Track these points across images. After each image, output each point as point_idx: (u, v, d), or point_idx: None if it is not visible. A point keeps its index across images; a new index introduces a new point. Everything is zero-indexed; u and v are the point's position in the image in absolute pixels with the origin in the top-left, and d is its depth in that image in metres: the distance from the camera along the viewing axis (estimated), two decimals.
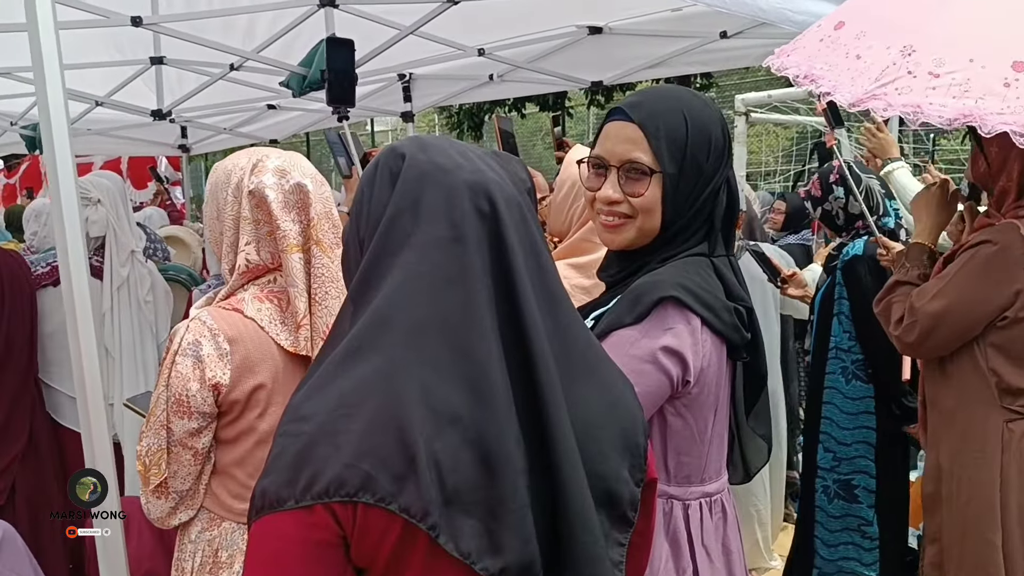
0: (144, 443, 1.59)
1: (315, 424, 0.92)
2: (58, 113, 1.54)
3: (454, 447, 0.91)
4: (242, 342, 1.60)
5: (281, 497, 0.89)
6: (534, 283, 1.00)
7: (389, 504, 0.88)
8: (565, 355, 1.01)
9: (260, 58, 3.80)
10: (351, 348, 0.96)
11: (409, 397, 0.91)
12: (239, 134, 6.09)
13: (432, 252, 0.97)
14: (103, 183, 3.19)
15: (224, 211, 1.68)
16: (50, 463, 3.03)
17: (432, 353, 0.94)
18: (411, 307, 0.95)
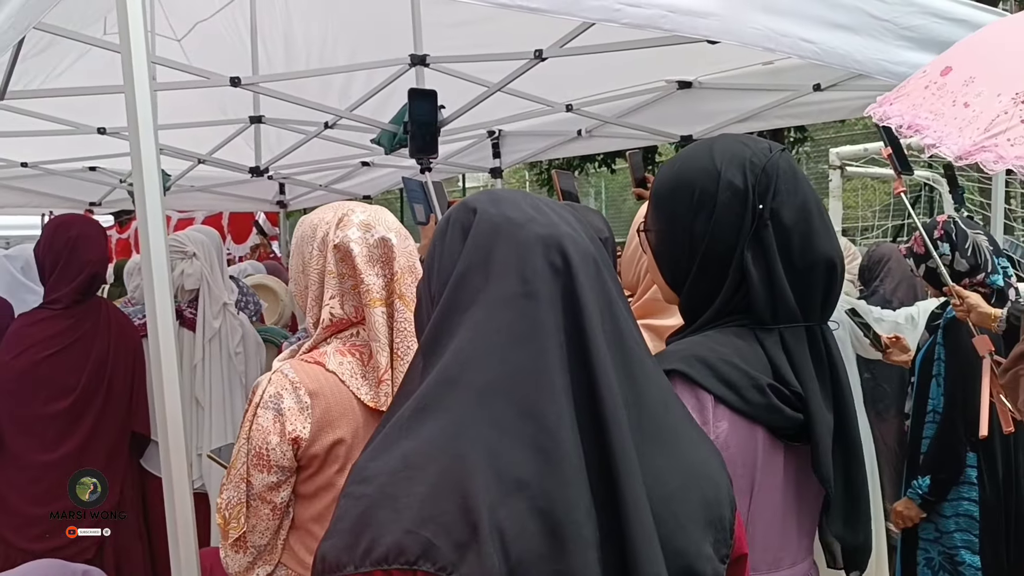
0: (224, 496, 1.60)
1: (376, 487, 0.89)
2: (150, 171, 1.58)
3: (520, 515, 0.87)
4: (323, 396, 1.59)
5: (341, 562, 0.88)
6: (609, 342, 0.95)
7: (450, 574, 0.85)
8: (642, 421, 0.96)
9: (354, 116, 3.90)
10: (418, 407, 0.94)
11: (474, 461, 0.88)
12: (334, 190, 6.25)
13: (502, 309, 0.95)
14: (199, 237, 3.30)
15: (309, 265, 1.70)
16: (134, 513, 3.08)
17: (500, 415, 0.90)
18: (480, 366, 0.92)
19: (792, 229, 1.36)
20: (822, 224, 1.39)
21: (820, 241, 1.38)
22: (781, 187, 1.36)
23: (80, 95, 3.55)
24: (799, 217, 1.36)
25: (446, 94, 3.49)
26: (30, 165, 5.05)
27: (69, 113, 4.08)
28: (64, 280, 2.91)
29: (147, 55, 1.59)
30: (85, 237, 3.00)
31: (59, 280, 2.92)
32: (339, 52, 4.14)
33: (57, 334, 2.90)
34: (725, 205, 1.36)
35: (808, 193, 1.40)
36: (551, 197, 1.41)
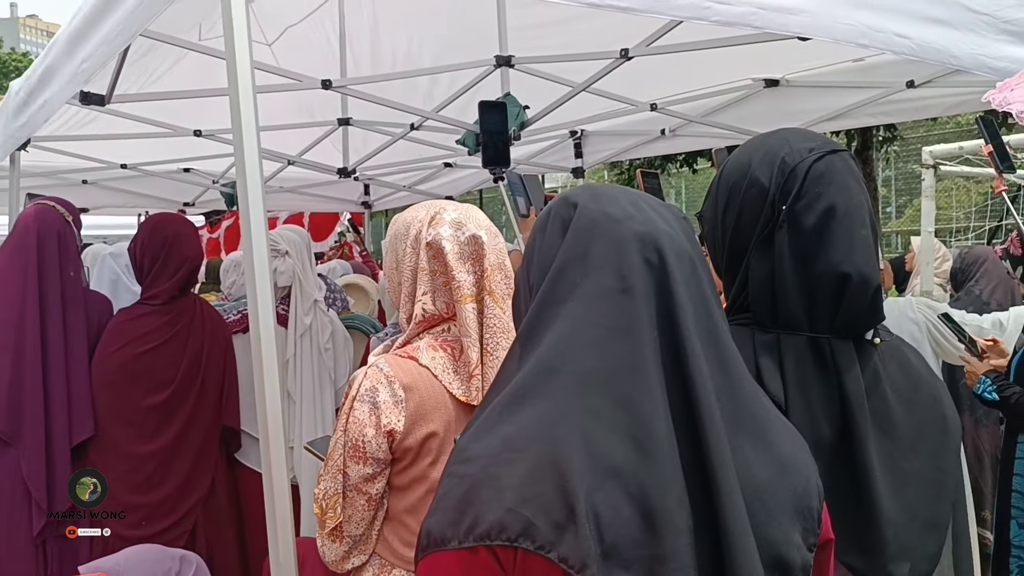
0: (322, 486, 1.65)
1: (479, 467, 0.93)
2: (253, 172, 1.64)
3: (614, 500, 0.90)
4: (416, 390, 1.63)
5: (445, 537, 0.92)
6: (703, 338, 0.97)
7: (548, 552, 0.88)
8: (734, 413, 0.98)
9: (439, 117, 3.95)
10: (517, 394, 0.97)
11: (571, 447, 0.91)
12: (417, 191, 6.34)
13: (599, 303, 0.97)
14: (291, 236, 3.38)
15: (402, 262, 1.73)
16: (227, 504, 3.17)
17: (596, 404, 0.93)
18: (576, 357, 0.96)
19: (809, 235, 1.32)
20: (847, 234, 1.32)
21: (836, 251, 1.31)
22: (808, 190, 1.32)
23: (180, 99, 3.69)
24: (819, 224, 1.31)
25: (530, 95, 3.51)
26: (129, 167, 5.27)
27: (166, 116, 4.24)
28: (162, 277, 3.02)
29: (250, 61, 1.65)
30: (180, 235, 3.11)
31: (157, 277, 3.02)
32: (424, 55, 4.20)
33: (155, 329, 3.00)
34: (748, 202, 1.35)
35: (841, 200, 1.32)
36: None
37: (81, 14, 2.44)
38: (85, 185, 5.58)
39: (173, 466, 2.97)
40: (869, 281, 1.32)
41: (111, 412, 2.93)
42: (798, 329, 1.32)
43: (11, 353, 2.78)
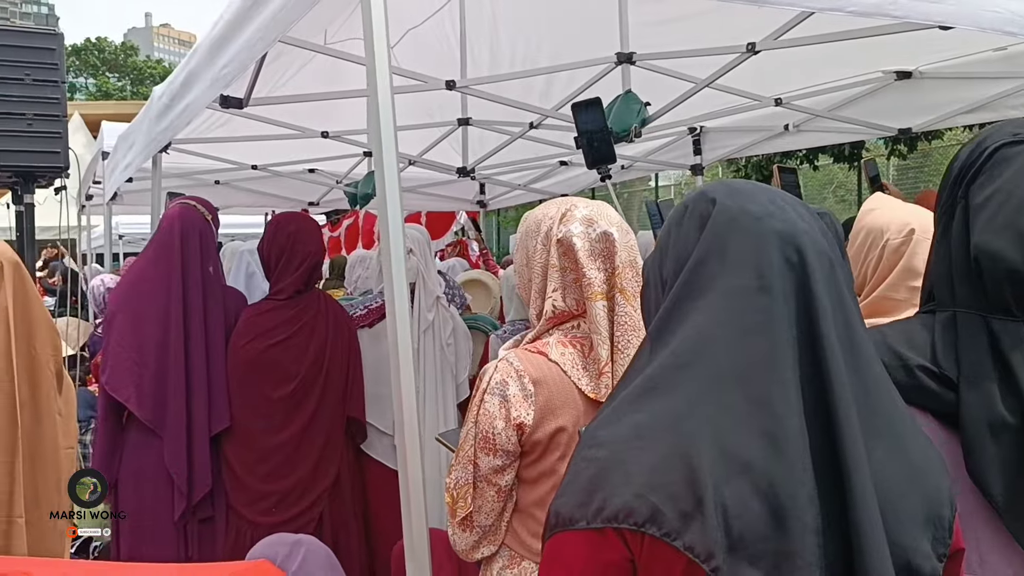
0: (453, 476, 1.68)
1: (608, 452, 0.96)
2: (391, 172, 1.68)
3: (743, 494, 0.90)
4: (546, 384, 1.64)
5: (573, 517, 0.95)
6: (840, 339, 0.97)
7: (674, 540, 0.90)
8: (869, 416, 0.97)
9: (559, 115, 3.95)
10: (647, 386, 0.99)
11: (701, 439, 0.92)
12: (532, 189, 6.38)
13: (736, 300, 0.98)
14: (414, 234, 3.46)
15: (533, 258, 1.75)
16: (352, 494, 3.25)
17: (728, 400, 0.94)
18: (710, 352, 0.96)
19: (974, 214, 1.32)
20: (1005, 217, 1.29)
21: (990, 233, 1.30)
22: (985, 170, 1.33)
23: (314, 101, 3.82)
24: (983, 204, 1.31)
25: (649, 91, 3.47)
26: (259, 168, 5.50)
27: (293, 118, 4.40)
28: (287, 272, 3.13)
29: (388, 66, 1.70)
30: (304, 232, 3.21)
31: (282, 272, 3.14)
32: (542, 53, 4.22)
33: (281, 324, 3.11)
34: (949, 181, 1.38)
35: (1012, 185, 1.30)
36: None
37: (223, 21, 2.56)
38: (217, 185, 5.84)
39: (300, 455, 3.07)
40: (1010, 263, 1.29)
41: (243, 403, 3.06)
42: (968, 307, 1.32)
43: (157, 346, 2.93)
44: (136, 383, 2.89)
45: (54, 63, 3.48)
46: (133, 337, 2.92)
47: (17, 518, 2.21)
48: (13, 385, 2.23)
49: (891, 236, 1.90)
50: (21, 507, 2.21)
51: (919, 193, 4.41)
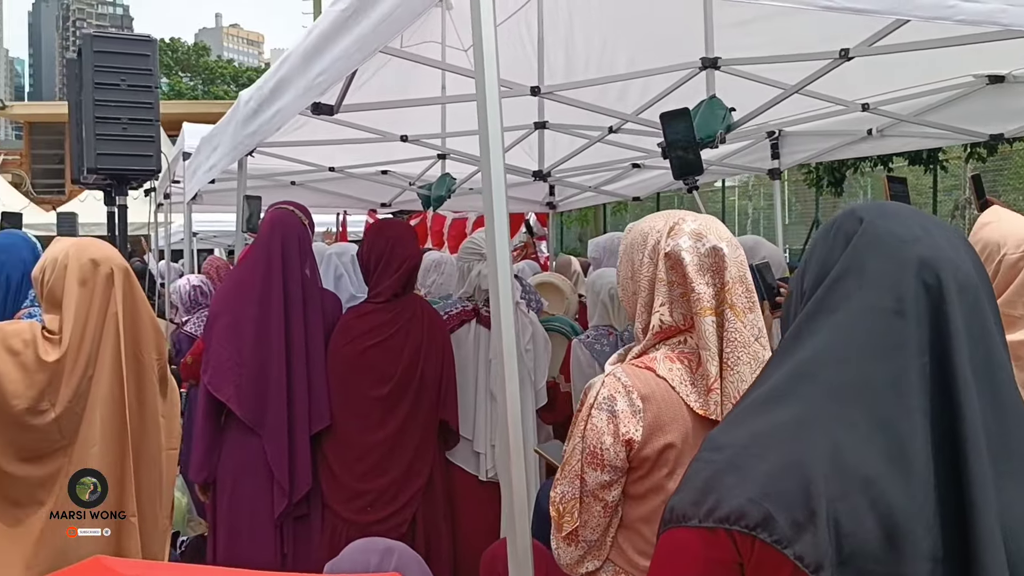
0: (559, 490, 1.68)
1: (726, 456, 0.98)
2: (498, 176, 1.69)
3: (858, 512, 0.90)
4: (654, 400, 1.64)
5: (687, 514, 0.98)
6: (977, 371, 0.95)
7: (784, 547, 0.90)
8: (1002, 452, 0.95)
9: (639, 120, 3.93)
10: (770, 395, 1.00)
11: (819, 452, 0.93)
12: (603, 192, 6.35)
13: (869, 320, 0.98)
14: None
15: (639, 272, 1.74)
16: (442, 498, 3.29)
17: (852, 417, 0.94)
18: (837, 368, 0.97)
19: None
20: None
21: None
22: None
23: (401, 107, 3.90)
24: None
25: (734, 97, 3.43)
26: (336, 169, 5.59)
27: (369, 121, 4.45)
28: (385, 276, 3.19)
29: (497, 77, 1.71)
30: (401, 237, 3.29)
31: (381, 277, 3.21)
32: (618, 57, 4.20)
33: (379, 326, 3.18)
34: None
35: None
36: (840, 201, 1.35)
37: (317, 31, 2.61)
38: (293, 186, 5.94)
39: (395, 456, 3.13)
40: None
41: (341, 403, 3.13)
42: None
43: (257, 347, 3.03)
44: (236, 383, 2.98)
45: (148, 69, 3.58)
46: (234, 338, 3.01)
47: (131, 517, 2.29)
48: (123, 390, 2.31)
49: (1008, 251, 1.85)
50: (133, 507, 2.29)
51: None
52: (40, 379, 2.26)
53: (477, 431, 3.32)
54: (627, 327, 3.63)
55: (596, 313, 3.57)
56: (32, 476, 2.25)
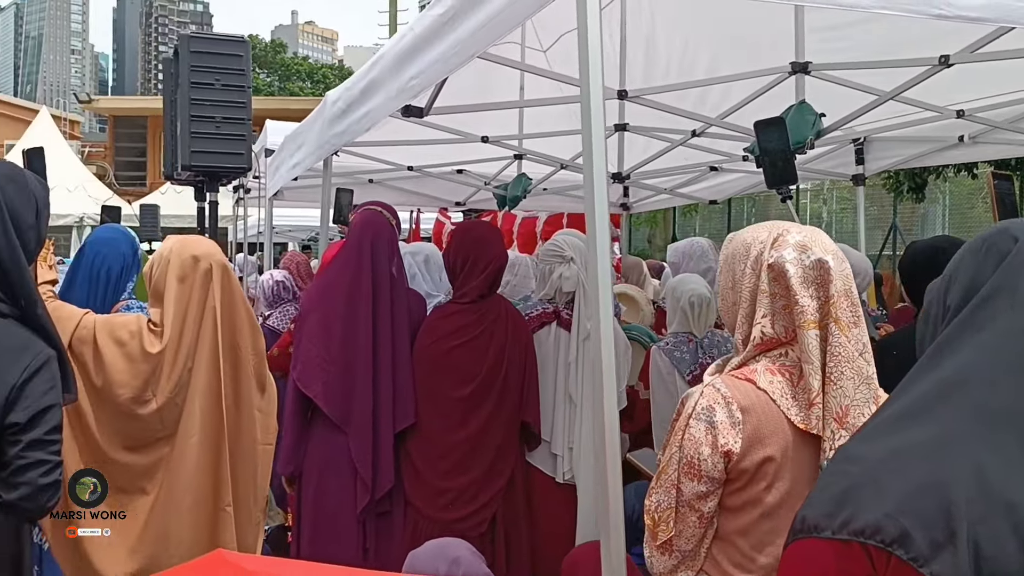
0: (654, 499, 1.69)
1: (862, 469, 0.97)
2: (600, 184, 1.71)
3: (1001, 536, 0.88)
4: (754, 412, 1.63)
5: (819, 525, 0.96)
6: None
7: (921, 566, 0.89)
8: None
9: (724, 124, 3.89)
10: (909, 411, 0.99)
11: (961, 473, 0.91)
12: (678, 194, 6.31)
13: (1017, 341, 0.96)
14: (575, 242, 3.47)
15: (740, 283, 1.73)
16: (522, 499, 3.30)
17: (1000, 440, 0.92)
18: (982, 387, 0.95)
19: None
20: None
21: None
22: None
23: (492, 110, 4.00)
24: None
25: (824, 102, 3.37)
26: (414, 169, 5.65)
27: (448, 122, 4.49)
28: (471, 277, 3.23)
29: (602, 84, 1.72)
30: (486, 238, 3.32)
31: (467, 278, 3.24)
32: (699, 59, 4.16)
33: (464, 327, 3.21)
34: None
35: None
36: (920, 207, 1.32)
37: (412, 34, 2.65)
38: (371, 184, 6.03)
39: (477, 455, 3.16)
40: None
41: (425, 401, 3.18)
42: None
43: (345, 345, 3.08)
44: (324, 380, 3.04)
45: (242, 69, 3.68)
46: (323, 336, 3.08)
47: (226, 507, 2.36)
48: (220, 384, 2.39)
49: None
50: (229, 497, 2.36)
51: None
52: (144, 369, 2.35)
53: (555, 433, 3.33)
54: (707, 334, 3.61)
55: (676, 320, 3.55)
56: (136, 465, 2.35)
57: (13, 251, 1.90)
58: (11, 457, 1.84)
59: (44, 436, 1.87)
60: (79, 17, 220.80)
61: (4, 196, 1.92)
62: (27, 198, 1.98)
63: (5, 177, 1.95)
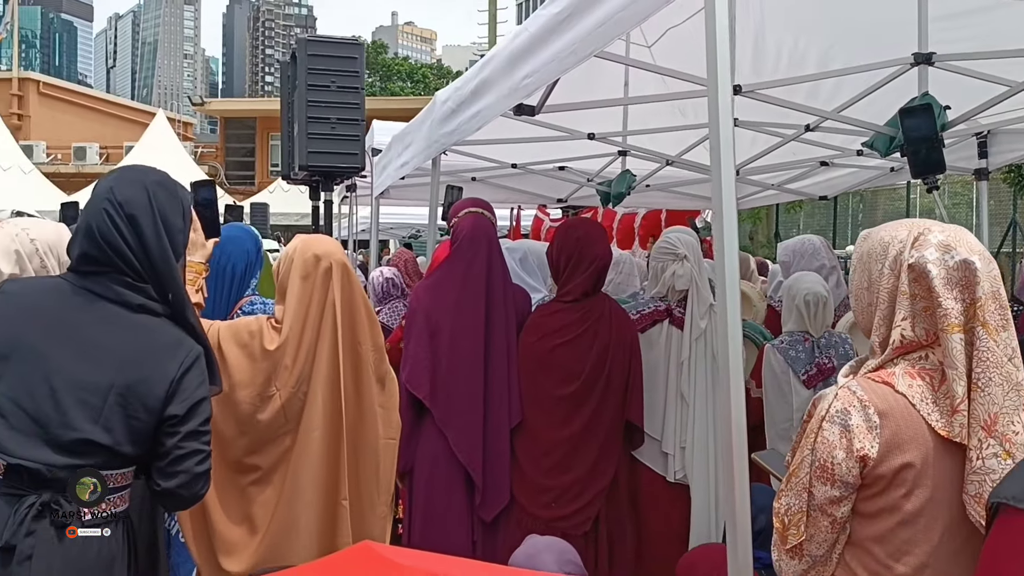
0: (783, 502, 1.65)
1: None
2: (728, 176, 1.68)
3: None
4: (892, 417, 1.57)
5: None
6: None
7: None
8: None
9: (841, 118, 3.77)
10: None
11: None
12: (787, 190, 6.15)
13: None
14: (688, 240, 3.43)
15: (877, 283, 1.67)
16: (626, 498, 3.30)
17: None
18: None
19: None
20: None
21: None
22: None
23: (602, 107, 3.96)
24: None
25: (948, 94, 3.23)
26: (518, 166, 5.68)
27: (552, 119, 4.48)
28: (575, 275, 3.23)
29: (730, 85, 1.69)
30: (590, 236, 3.31)
31: (570, 275, 3.24)
32: (810, 51, 4.05)
33: (568, 325, 3.21)
34: None
35: None
36: None
37: (526, 34, 2.66)
38: (473, 182, 6.08)
39: (580, 454, 3.16)
40: None
41: (528, 400, 3.20)
42: None
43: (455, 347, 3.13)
44: (432, 381, 3.10)
45: (355, 71, 3.77)
46: (431, 336, 3.13)
47: (343, 501, 2.43)
48: (339, 380, 2.45)
49: None
50: (345, 491, 2.43)
51: None
52: (265, 367, 2.44)
53: (666, 432, 3.30)
54: (824, 334, 3.51)
55: (791, 318, 3.47)
56: (263, 461, 2.44)
57: (165, 254, 2.00)
58: (169, 447, 1.94)
59: (199, 427, 1.97)
60: (191, 23, 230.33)
61: (156, 202, 2.01)
62: (176, 203, 2.08)
63: (156, 183, 2.05)
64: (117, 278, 1.95)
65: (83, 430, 1.86)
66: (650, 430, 3.29)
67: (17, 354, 1.87)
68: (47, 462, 1.84)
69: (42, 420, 1.85)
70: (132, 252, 1.95)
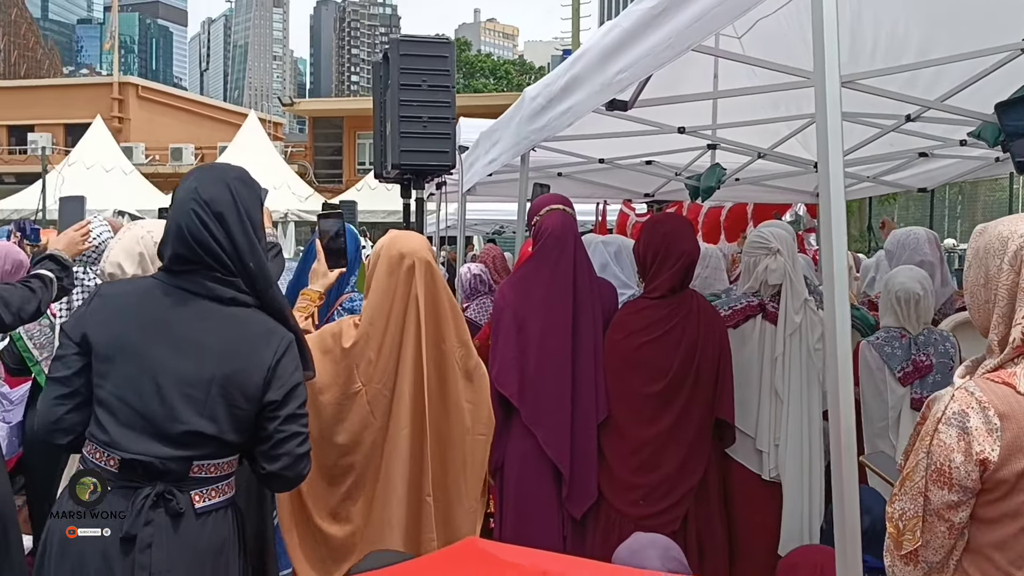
0: (897, 506, 1.61)
1: None
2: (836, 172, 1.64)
3: None
4: (1014, 419, 1.52)
5: None
6: None
7: None
8: None
9: (946, 107, 3.64)
10: None
11: None
12: (882, 182, 5.96)
13: None
14: (781, 234, 3.37)
15: (996, 279, 1.61)
16: (716, 497, 3.25)
17: None
18: None
19: None
20: None
21: None
22: None
23: (696, 100, 3.95)
24: None
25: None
26: (605, 161, 5.65)
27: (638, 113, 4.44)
28: (662, 271, 3.20)
29: (838, 78, 1.65)
30: (677, 232, 3.27)
31: (657, 271, 3.22)
32: (909, 39, 3.91)
33: (655, 322, 3.19)
34: None
35: None
36: None
37: (618, 29, 2.65)
38: (560, 177, 6.08)
39: (668, 452, 3.13)
40: None
41: (616, 396, 3.18)
42: None
43: (544, 345, 3.13)
44: (520, 380, 3.11)
45: (447, 70, 3.81)
46: (518, 334, 3.14)
47: (426, 497, 2.46)
48: (423, 376, 2.48)
49: None
50: (429, 487, 2.46)
51: None
52: (345, 365, 2.49)
53: (760, 429, 3.24)
54: (923, 331, 3.40)
55: (888, 314, 3.37)
56: (357, 461, 2.49)
57: (253, 247, 2.07)
58: (271, 432, 2.03)
59: (296, 411, 2.05)
60: (280, 25, 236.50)
61: (239, 198, 2.07)
62: (256, 197, 2.15)
63: (237, 180, 2.11)
64: (207, 274, 2.02)
65: (190, 423, 1.95)
66: (743, 427, 3.24)
67: (121, 355, 1.96)
68: (159, 455, 1.93)
69: (149, 415, 1.94)
70: (222, 248, 2.02)
